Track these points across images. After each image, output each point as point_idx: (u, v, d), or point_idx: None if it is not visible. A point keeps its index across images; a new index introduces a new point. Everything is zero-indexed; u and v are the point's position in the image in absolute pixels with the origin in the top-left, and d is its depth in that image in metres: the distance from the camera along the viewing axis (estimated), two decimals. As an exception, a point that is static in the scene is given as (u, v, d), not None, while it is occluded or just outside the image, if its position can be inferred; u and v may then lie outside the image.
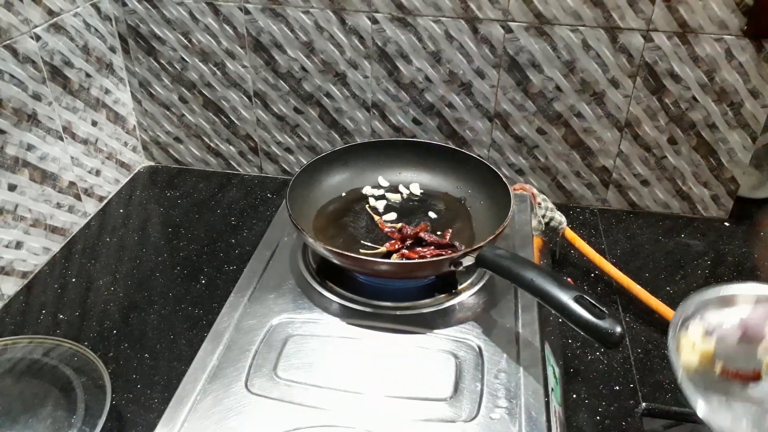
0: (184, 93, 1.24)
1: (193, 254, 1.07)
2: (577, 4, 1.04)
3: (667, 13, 1.02)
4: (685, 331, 0.60)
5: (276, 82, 1.20)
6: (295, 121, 1.24)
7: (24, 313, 0.95)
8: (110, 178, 1.22)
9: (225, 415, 0.71)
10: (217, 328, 0.85)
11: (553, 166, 1.20)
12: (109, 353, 0.87)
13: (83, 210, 1.14)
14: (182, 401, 0.73)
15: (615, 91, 1.10)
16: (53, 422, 0.73)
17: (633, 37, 1.05)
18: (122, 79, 1.23)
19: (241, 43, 1.17)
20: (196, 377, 0.76)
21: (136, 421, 0.78)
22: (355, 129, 1.23)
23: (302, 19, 1.12)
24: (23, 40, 0.95)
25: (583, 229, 1.16)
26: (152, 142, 1.31)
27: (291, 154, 1.29)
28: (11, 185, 0.96)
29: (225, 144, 1.29)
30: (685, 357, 0.59)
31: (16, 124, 0.95)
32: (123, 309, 0.96)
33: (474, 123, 1.18)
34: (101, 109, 1.17)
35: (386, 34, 1.12)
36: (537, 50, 1.09)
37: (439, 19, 1.09)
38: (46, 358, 0.81)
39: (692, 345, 0.59)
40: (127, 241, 1.11)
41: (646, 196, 1.20)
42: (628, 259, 1.08)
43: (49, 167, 1.04)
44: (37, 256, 1.03)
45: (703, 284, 1.04)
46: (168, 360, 0.86)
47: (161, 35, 1.18)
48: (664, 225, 1.18)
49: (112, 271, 1.04)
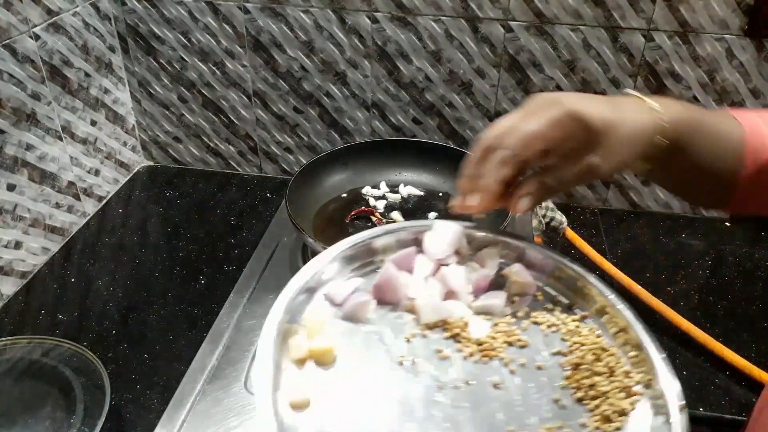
0: (184, 92, 1.24)
1: (192, 254, 1.07)
2: (578, 4, 1.04)
3: (668, 12, 1.02)
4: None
5: (276, 82, 1.20)
6: (295, 121, 1.24)
7: (23, 313, 0.95)
8: (109, 177, 1.21)
9: (225, 415, 0.71)
10: (216, 329, 0.85)
11: (553, 166, 1.20)
12: (109, 353, 0.87)
13: (82, 210, 1.14)
14: (181, 402, 0.72)
15: (616, 90, 1.10)
16: (52, 423, 0.73)
17: (634, 36, 1.05)
18: (121, 78, 1.23)
19: (240, 43, 1.16)
20: (196, 378, 0.76)
21: (136, 421, 0.78)
22: (355, 129, 1.23)
23: (302, 18, 1.12)
24: (22, 40, 0.95)
25: (584, 229, 1.15)
26: (151, 142, 1.31)
27: (291, 153, 1.28)
28: (10, 185, 0.96)
29: (224, 144, 1.29)
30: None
31: (15, 124, 0.95)
32: (122, 309, 0.95)
33: (474, 122, 1.18)
34: (100, 109, 1.17)
35: (386, 34, 1.11)
36: (537, 49, 1.09)
37: (440, 19, 1.09)
38: (45, 358, 0.81)
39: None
40: (127, 241, 1.10)
41: (647, 196, 1.20)
42: (628, 260, 1.07)
43: (48, 167, 1.03)
44: (36, 256, 1.03)
45: (704, 284, 1.04)
46: (167, 360, 0.86)
47: (161, 35, 1.18)
48: (665, 225, 1.18)
49: (111, 271, 1.03)
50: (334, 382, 0.47)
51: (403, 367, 0.49)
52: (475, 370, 0.49)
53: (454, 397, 0.47)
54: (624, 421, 0.45)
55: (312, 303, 0.53)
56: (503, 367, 0.50)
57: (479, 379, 0.49)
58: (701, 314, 0.95)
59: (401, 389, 0.48)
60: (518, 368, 0.50)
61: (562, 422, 0.46)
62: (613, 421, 0.45)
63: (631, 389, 0.47)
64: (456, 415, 0.46)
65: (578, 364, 0.49)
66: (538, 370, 0.50)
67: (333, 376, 0.48)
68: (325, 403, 0.46)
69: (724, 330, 0.92)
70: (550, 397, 0.48)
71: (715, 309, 0.98)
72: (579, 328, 0.53)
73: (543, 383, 0.49)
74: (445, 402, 0.47)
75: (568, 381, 0.49)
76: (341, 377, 0.48)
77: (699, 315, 0.94)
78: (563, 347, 0.51)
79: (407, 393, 0.47)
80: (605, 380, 0.48)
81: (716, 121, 0.55)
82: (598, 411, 0.46)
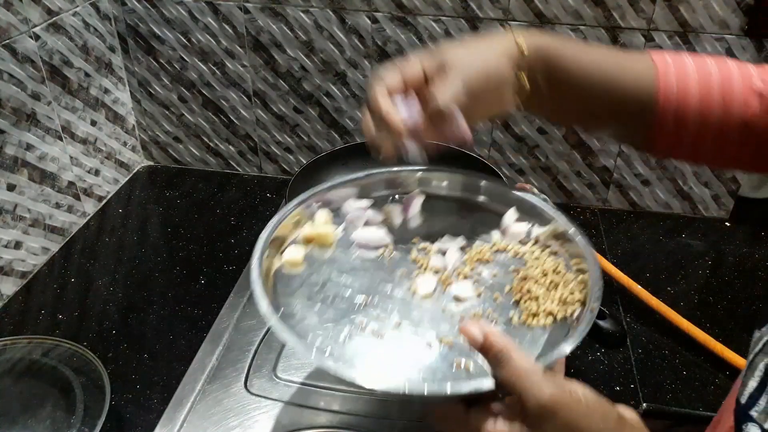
0: (184, 92, 1.24)
1: (192, 254, 1.07)
2: (578, 4, 1.03)
3: (668, 12, 1.02)
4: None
5: (275, 82, 1.20)
6: (295, 121, 1.24)
7: (23, 313, 0.95)
8: (109, 177, 1.21)
9: (224, 415, 0.71)
10: (216, 329, 0.85)
11: (553, 166, 1.20)
12: (109, 353, 0.87)
13: (82, 210, 1.14)
14: (181, 402, 0.72)
15: (615, 90, 1.10)
16: (52, 423, 0.73)
17: (634, 36, 1.05)
18: (121, 78, 1.23)
19: (240, 43, 1.16)
20: (196, 378, 0.76)
21: (136, 421, 0.78)
22: (355, 129, 1.23)
23: (302, 18, 1.12)
24: (22, 40, 0.95)
25: (584, 229, 1.14)
26: (151, 142, 1.31)
27: (291, 153, 1.28)
28: (10, 185, 0.96)
29: (224, 144, 1.29)
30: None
31: (15, 124, 0.95)
32: (122, 309, 0.95)
33: (474, 122, 1.17)
34: (100, 109, 1.17)
35: (386, 34, 1.11)
36: (537, 50, 1.09)
37: (440, 19, 1.09)
38: (45, 358, 0.81)
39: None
40: (127, 241, 1.10)
41: (647, 196, 1.20)
42: (628, 260, 1.07)
43: (48, 167, 1.03)
44: (36, 256, 1.03)
45: (704, 284, 1.04)
46: (167, 360, 0.86)
47: (160, 34, 1.18)
48: (665, 225, 1.18)
49: (111, 271, 1.03)
50: (327, 257, 0.63)
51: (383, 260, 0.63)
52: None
53: (408, 287, 0.60)
54: (550, 321, 0.55)
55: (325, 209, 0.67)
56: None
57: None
58: (701, 314, 0.95)
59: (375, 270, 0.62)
60: (475, 275, 0.61)
61: (491, 311, 0.57)
62: (540, 318, 0.55)
63: (566, 300, 0.56)
64: (408, 296, 0.59)
65: (526, 276, 0.59)
66: (492, 277, 0.61)
67: (328, 252, 0.63)
68: (312, 267, 0.61)
69: (724, 330, 0.92)
70: (490, 296, 0.59)
71: (715, 309, 0.98)
72: (543, 255, 0.62)
73: (492, 287, 0.59)
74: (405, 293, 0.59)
75: (512, 288, 0.59)
76: (333, 254, 0.63)
77: (699, 315, 0.94)
78: (522, 267, 0.61)
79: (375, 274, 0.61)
80: (543, 289, 0.57)
81: (617, 56, 0.59)
82: (527, 310, 0.56)
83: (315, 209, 0.67)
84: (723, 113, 0.54)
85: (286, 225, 0.64)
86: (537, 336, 0.54)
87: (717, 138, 0.55)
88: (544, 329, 0.55)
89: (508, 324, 0.55)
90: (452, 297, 0.58)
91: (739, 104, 0.54)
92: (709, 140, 0.56)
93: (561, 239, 0.64)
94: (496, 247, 0.64)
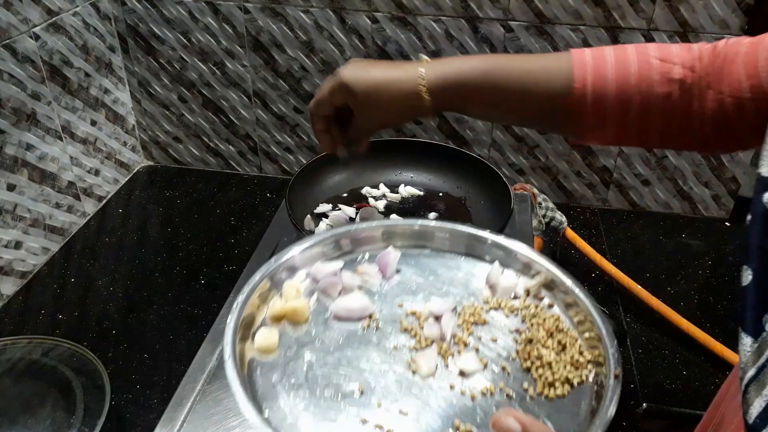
0: (184, 92, 1.24)
1: (192, 254, 1.07)
2: (578, 4, 1.03)
3: (668, 12, 1.02)
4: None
5: (275, 82, 1.20)
6: (295, 121, 1.24)
7: (23, 313, 0.95)
8: (109, 177, 1.21)
9: (225, 415, 0.71)
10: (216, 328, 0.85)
11: (553, 166, 1.20)
12: (109, 353, 0.87)
13: (82, 210, 1.14)
14: (181, 402, 0.72)
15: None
16: (52, 422, 0.73)
17: (634, 36, 1.05)
18: (121, 78, 1.23)
19: (240, 43, 1.16)
20: (196, 378, 0.76)
21: (136, 421, 0.78)
22: (355, 129, 1.23)
23: (302, 18, 1.12)
24: (22, 40, 0.95)
25: (584, 229, 1.16)
26: (151, 142, 1.31)
27: (290, 153, 1.28)
28: (10, 185, 0.96)
29: (224, 144, 1.29)
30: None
31: (15, 124, 0.95)
32: (122, 309, 0.95)
33: (474, 122, 1.18)
34: (100, 109, 1.17)
35: (386, 34, 1.11)
36: (538, 49, 1.09)
37: (440, 19, 1.08)
38: (45, 358, 0.81)
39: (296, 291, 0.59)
40: (127, 241, 1.10)
41: (646, 196, 1.20)
42: (628, 259, 1.07)
43: (48, 167, 1.03)
44: (36, 256, 1.03)
45: (704, 284, 1.04)
46: (167, 360, 0.86)
47: (160, 34, 1.18)
48: (665, 225, 1.18)
49: (111, 271, 1.03)
50: (304, 336, 0.55)
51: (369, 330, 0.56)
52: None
53: (406, 364, 0.53)
54: (567, 390, 0.50)
55: (293, 279, 0.60)
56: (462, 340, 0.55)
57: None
58: (701, 314, 0.95)
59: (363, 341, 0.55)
60: (474, 340, 0.55)
61: (503, 384, 0.51)
62: (557, 388, 0.50)
63: (578, 362, 0.52)
64: (408, 375, 0.53)
65: (531, 339, 0.54)
66: (493, 342, 0.55)
67: (304, 329, 0.56)
68: (290, 351, 0.54)
69: (724, 330, 0.92)
70: (499, 365, 0.53)
71: (715, 309, 0.98)
72: (541, 311, 0.57)
73: (498, 355, 0.54)
74: (400, 370, 0.53)
75: (519, 353, 0.53)
76: (310, 332, 0.56)
77: (699, 315, 0.94)
78: (522, 327, 0.56)
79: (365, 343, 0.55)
80: (553, 353, 0.53)
81: (535, 60, 0.60)
82: (542, 379, 0.51)
83: (282, 279, 0.59)
84: (642, 99, 0.55)
85: (253, 303, 0.56)
86: (559, 407, 0.50)
87: (640, 122, 0.57)
88: (563, 399, 0.50)
89: (524, 397, 0.51)
90: (458, 371, 0.53)
91: (658, 90, 0.55)
92: (632, 125, 0.57)
93: (553, 288, 0.60)
94: (489, 306, 0.58)
